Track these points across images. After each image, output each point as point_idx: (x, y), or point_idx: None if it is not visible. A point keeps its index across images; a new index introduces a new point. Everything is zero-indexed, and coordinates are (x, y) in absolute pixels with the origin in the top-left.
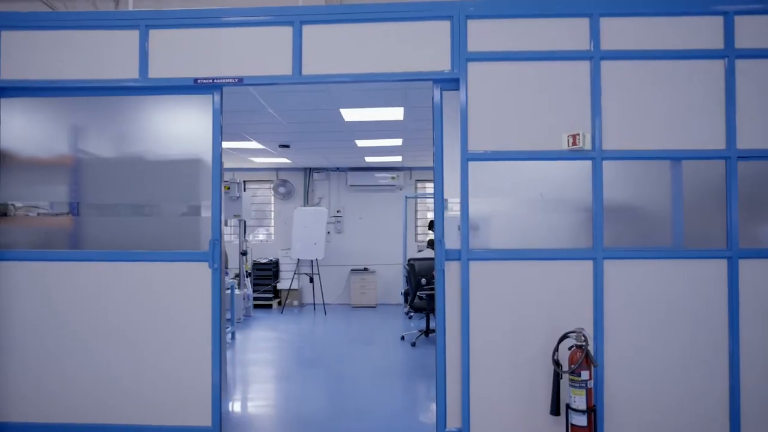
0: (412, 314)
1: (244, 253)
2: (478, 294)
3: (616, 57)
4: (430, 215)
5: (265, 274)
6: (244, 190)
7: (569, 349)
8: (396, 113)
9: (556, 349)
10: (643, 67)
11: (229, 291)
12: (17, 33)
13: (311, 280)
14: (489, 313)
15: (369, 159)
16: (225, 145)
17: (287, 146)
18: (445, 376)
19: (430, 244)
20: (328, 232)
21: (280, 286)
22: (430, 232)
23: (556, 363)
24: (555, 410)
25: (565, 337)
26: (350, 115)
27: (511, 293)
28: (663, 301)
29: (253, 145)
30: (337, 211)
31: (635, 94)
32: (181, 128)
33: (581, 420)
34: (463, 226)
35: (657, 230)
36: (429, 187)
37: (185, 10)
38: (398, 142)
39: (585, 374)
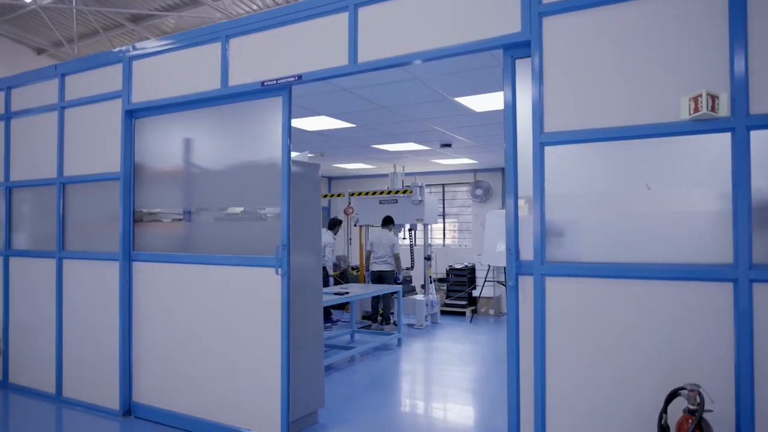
0: None
1: (428, 258)
2: (559, 322)
3: None
4: None
5: (461, 280)
6: (443, 194)
7: (684, 412)
8: None
9: (664, 411)
10: None
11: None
12: (143, 61)
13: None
14: (573, 350)
15: None
16: (388, 147)
17: (449, 145)
18: None
19: None
20: None
21: (475, 293)
22: None
23: (663, 430)
24: None
25: (674, 395)
26: (474, 103)
27: (604, 324)
28: None
29: (411, 146)
30: None
31: None
32: (262, 133)
33: None
34: (535, 231)
35: None
36: None
37: (257, 14)
38: None
39: None
